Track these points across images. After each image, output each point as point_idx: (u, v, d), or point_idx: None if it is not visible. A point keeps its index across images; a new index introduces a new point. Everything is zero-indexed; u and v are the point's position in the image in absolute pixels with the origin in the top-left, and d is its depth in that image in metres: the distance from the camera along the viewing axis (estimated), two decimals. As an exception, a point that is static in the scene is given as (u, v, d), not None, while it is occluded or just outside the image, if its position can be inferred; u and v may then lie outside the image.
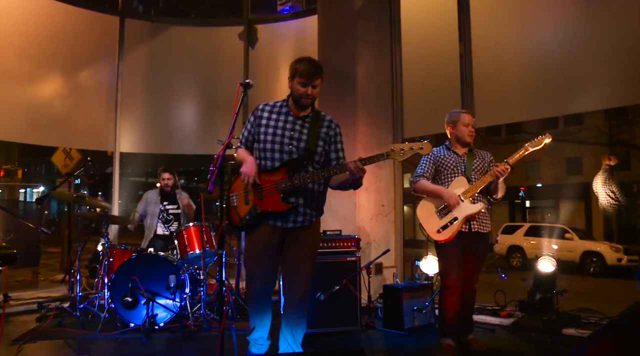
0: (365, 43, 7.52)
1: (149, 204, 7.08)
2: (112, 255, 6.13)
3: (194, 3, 10.75)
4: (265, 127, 4.10)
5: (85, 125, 8.71)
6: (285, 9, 9.81)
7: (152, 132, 9.20)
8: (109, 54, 8.93)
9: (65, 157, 13.55)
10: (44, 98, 8.45)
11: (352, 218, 7.19)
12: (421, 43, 7.68)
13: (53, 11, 8.53)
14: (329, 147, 4.15)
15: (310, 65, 4.00)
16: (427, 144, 3.77)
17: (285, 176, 3.97)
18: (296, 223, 4.05)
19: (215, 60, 9.51)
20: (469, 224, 4.73)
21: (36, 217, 11.55)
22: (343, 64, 7.48)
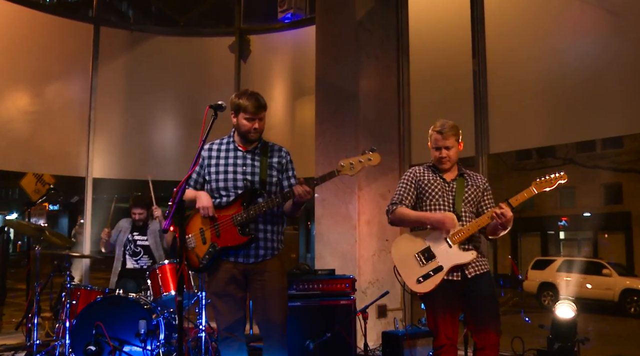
0: (369, 57, 7.59)
1: (118, 231, 7.19)
2: (76, 297, 6.14)
3: (181, 10, 10.84)
4: (215, 166, 4.39)
5: (53, 147, 8.79)
6: (287, 16, 9.89)
7: (129, 155, 9.28)
8: (82, 66, 9.05)
9: (36, 181, 13.66)
10: (3, 117, 8.51)
11: (351, 254, 7.21)
12: (431, 58, 7.74)
13: (16, 17, 8.64)
14: (282, 175, 4.44)
15: (254, 100, 4.31)
16: (375, 155, 4.02)
17: (240, 209, 4.24)
18: (258, 257, 4.28)
19: (202, 75, 9.63)
20: (461, 271, 4.34)
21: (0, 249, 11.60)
22: (343, 80, 7.54)
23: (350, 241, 7.23)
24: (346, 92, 7.48)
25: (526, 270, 20.38)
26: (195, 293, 6.36)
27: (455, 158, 4.50)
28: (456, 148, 4.48)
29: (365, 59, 7.55)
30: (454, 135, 4.45)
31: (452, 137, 4.44)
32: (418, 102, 7.76)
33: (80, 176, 8.99)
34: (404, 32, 7.90)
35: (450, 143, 4.44)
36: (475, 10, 7.24)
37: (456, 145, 4.48)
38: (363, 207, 7.24)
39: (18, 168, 9.26)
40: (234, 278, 4.27)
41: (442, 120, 4.52)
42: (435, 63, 7.71)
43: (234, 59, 9.59)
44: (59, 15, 9.07)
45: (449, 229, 4.32)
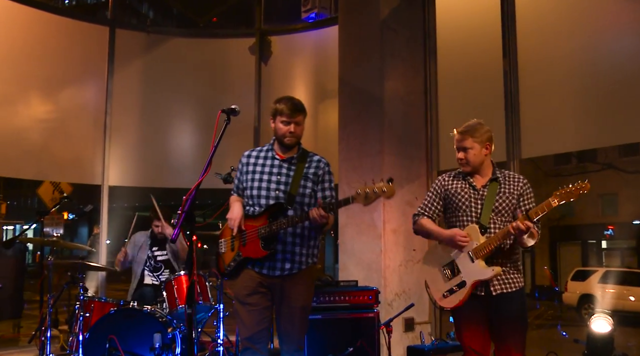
0: (394, 58, 7.57)
1: (136, 248, 7.15)
2: (89, 309, 6.18)
3: (200, 11, 10.93)
4: (252, 174, 4.59)
5: (68, 154, 8.91)
6: (311, 16, 9.90)
7: (146, 161, 9.35)
8: (97, 70, 9.17)
9: (53, 189, 13.85)
10: (18, 125, 8.64)
11: (377, 265, 7.18)
12: (459, 58, 7.71)
13: (30, 21, 8.77)
14: (317, 187, 4.59)
15: (290, 103, 4.51)
16: (390, 187, 4.03)
17: (266, 222, 4.41)
18: (283, 271, 4.43)
19: (221, 78, 9.68)
20: (485, 287, 4.28)
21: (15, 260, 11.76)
22: (367, 82, 7.54)
23: (375, 251, 7.20)
24: (370, 95, 7.47)
25: (566, 281, 20.12)
26: (213, 306, 6.37)
27: (474, 161, 4.39)
28: (476, 150, 4.36)
29: (390, 59, 7.53)
30: (471, 136, 4.36)
31: (470, 138, 4.36)
32: (446, 105, 7.72)
33: (95, 184, 9.07)
34: (431, 31, 7.87)
35: (468, 145, 4.36)
36: (506, 6, 7.19)
37: (477, 146, 4.36)
38: (389, 215, 7.21)
39: (33, 177, 9.39)
40: (260, 288, 4.45)
41: (472, 120, 4.47)
42: (464, 63, 7.68)
43: (255, 61, 9.64)
44: (74, 18, 9.20)
45: (461, 247, 4.28)
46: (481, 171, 4.44)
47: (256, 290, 4.44)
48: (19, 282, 10.86)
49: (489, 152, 4.41)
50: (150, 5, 38.01)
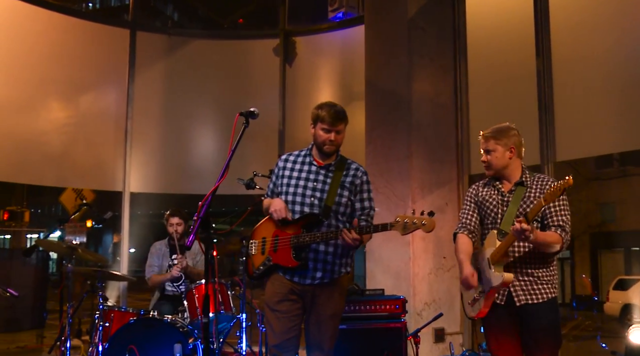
0: (422, 58, 7.55)
1: (158, 256, 7.21)
2: (109, 319, 6.23)
3: (224, 12, 11.01)
4: (288, 178, 4.64)
5: (88, 160, 9.00)
6: (338, 16, 9.91)
7: (168, 167, 9.41)
8: (118, 74, 9.26)
9: (76, 197, 14.04)
10: (37, 130, 8.73)
11: (405, 273, 7.16)
12: (491, 58, 7.68)
13: (49, 24, 8.87)
14: (355, 197, 4.60)
15: (333, 110, 4.54)
16: (431, 221, 4.00)
17: (300, 231, 4.45)
18: (314, 279, 4.48)
19: (245, 80, 9.72)
20: (507, 297, 4.25)
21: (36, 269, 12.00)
22: (394, 83, 7.54)
23: (403, 258, 7.18)
24: (398, 96, 7.46)
25: (607, 290, 19.86)
26: (235, 315, 6.39)
27: (496, 164, 4.37)
28: (499, 153, 4.35)
29: (419, 59, 7.52)
30: (494, 138, 4.35)
31: (492, 140, 4.36)
32: (477, 106, 7.68)
33: (117, 190, 9.15)
34: (460, 29, 7.83)
35: (491, 147, 4.36)
36: (539, 2, 7.14)
37: (499, 149, 4.34)
38: (417, 221, 7.16)
39: (53, 183, 9.49)
40: (290, 295, 4.49)
41: (502, 123, 4.48)
42: (495, 62, 7.64)
43: (279, 63, 9.65)
44: (94, 20, 9.30)
45: (471, 287, 4.28)
46: (508, 176, 4.41)
47: (287, 297, 4.48)
48: (41, 291, 10.99)
49: (514, 155, 4.37)
50: (175, 7, 38.40)
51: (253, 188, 6.50)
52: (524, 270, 4.25)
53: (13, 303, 11.74)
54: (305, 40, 9.71)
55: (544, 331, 4.22)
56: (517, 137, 4.39)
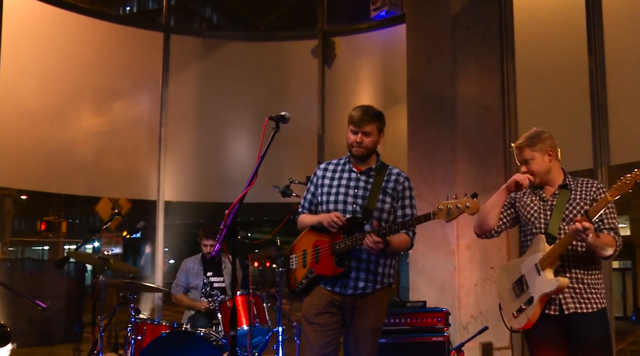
0: (467, 57, 7.51)
1: (190, 275, 7.28)
2: (141, 332, 6.30)
3: (260, 13, 11.07)
4: (328, 187, 4.67)
5: (122, 169, 9.10)
6: (381, 14, 9.87)
7: (203, 175, 9.48)
8: (151, 79, 9.38)
9: (111, 206, 14.27)
10: (69, 138, 8.87)
11: (450, 284, 7.12)
12: (540, 56, 7.59)
13: (80, 29, 8.99)
14: (397, 203, 4.61)
15: (360, 110, 4.60)
16: (474, 202, 4.03)
17: (340, 237, 4.44)
18: (356, 289, 4.46)
19: (282, 84, 9.75)
20: (559, 305, 4.20)
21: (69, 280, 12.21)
22: (437, 84, 7.51)
23: (448, 269, 7.13)
24: (441, 98, 7.43)
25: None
26: (271, 328, 6.41)
27: (539, 171, 4.40)
28: (538, 160, 4.40)
29: (463, 58, 7.48)
30: (528, 146, 4.41)
31: (527, 149, 4.41)
32: (526, 107, 7.60)
33: (151, 199, 9.25)
34: (507, 26, 7.76)
35: (528, 156, 4.41)
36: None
37: (537, 155, 4.39)
38: (462, 230, 7.12)
39: (85, 193, 9.64)
40: (330, 308, 4.48)
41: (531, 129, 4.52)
42: (545, 61, 7.55)
43: (317, 65, 9.66)
44: (127, 24, 9.40)
45: (525, 185, 4.31)
46: (550, 180, 4.44)
47: (326, 310, 4.48)
48: (75, 303, 11.14)
49: (553, 158, 4.41)
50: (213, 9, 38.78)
51: (289, 196, 6.51)
52: (573, 276, 4.22)
53: (48, 316, 11.95)
54: (344, 40, 9.71)
55: (594, 344, 4.16)
56: (550, 139, 4.44)
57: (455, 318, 6.86)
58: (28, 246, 34.91)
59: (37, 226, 22.39)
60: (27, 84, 8.50)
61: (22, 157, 8.40)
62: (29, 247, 34.96)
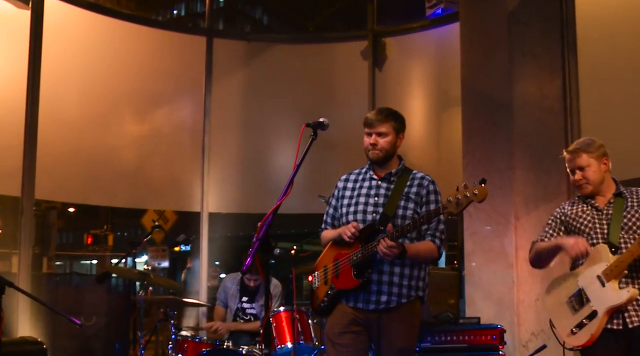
0: (525, 56, 7.42)
1: (227, 294, 7.34)
2: (182, 349, 6.37)
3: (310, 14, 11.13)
4: (348, 199, 4.63)
5: (164, 179, 9.23)
6: (437, 12, 9.84)
7: (248, 185, 9.53)
8: (193, 85, 9.51)
9: (157, 218, 14.44)
10: (110, 148, 9.03)
11: (508, 299, 7.02)
12: (605, 53, 7.46)
13: (122, 35, 9.15)
14: (421, 209, 4.48)
15: (373, 111, 4.60)
16: (482, 188, 4.00)
17: (358, 247, 4.35)
18: (379, 304, 4.34)
19: (330, 87, 9.79)
20: (622, 318, 4.14)
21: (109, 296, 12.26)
22: (493, 85, 7.43)
23: (506, 283, 7.04)
24: (497, 100, 7.34)
25: None
26: (317, 346, 6.40)
27: (595, 179, 4.39)
28: (595, 167, 4.39)
29: (520, 57, 7.38)
30: (585, 152, 4.40)
31: (584, 154, 4.40)
32: (589, 109, 7.45)
33: (194, 211, 9.34)
34: (569, 21, 7.63)
35: (584, 162, 4.39)
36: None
37: (594, 163, 4.39)
38: (521, 241, 7.02)
39: (127, 205, 9.79)
40: (353, 326, 4.38)
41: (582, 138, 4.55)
42: (610, 59, 7.43)
43: (368, 67, 9.65)
44: (168, 29, 9.55)
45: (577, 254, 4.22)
46: (602, 190, 4.44)
47: (349, 329, 4.37)
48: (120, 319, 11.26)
49: (607, 167, 4.42)
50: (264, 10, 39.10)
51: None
52: (637, 286, 4.15)
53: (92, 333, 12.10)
54: (396, 41, 9.69)
55: None
56: (603, 147, 4.46)
57: (514, 335, 6.76)
58: (76, 260, 35.50)
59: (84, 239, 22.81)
60: (68, 93, 8.68)
61: (62, 168, 8.57)
62: (77, 261, 35.55)
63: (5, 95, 7.98)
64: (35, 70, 7.97)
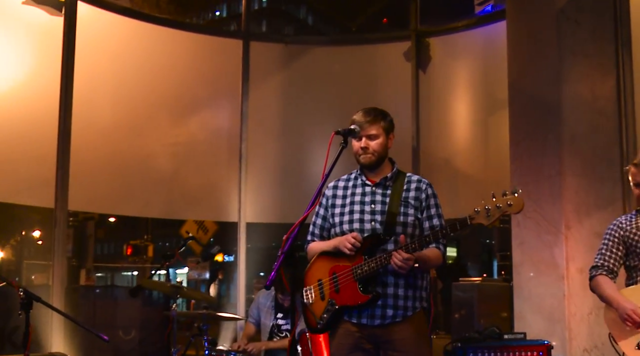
0: (575, 55, 7.35)
1: (262, 311, 7.34)
2: (216, 367, 6.41)
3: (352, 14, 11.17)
4: (340, 207, 4.50)
5: (199, 188, 9.30)
6: (487, 9, 9.79)
7: (286, 193, 9.55)
8: (230, 89, 9.56)
9: (197, 228, 14.58)
10: (144, 157, 9.11)
11: (559, 313, 6.98)
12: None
13: (156, 39, 9.23)
14: (421, 215, 4.40)
15: (360, 113, 4.49)
16: (517, 199, 3.87)
17: (361, 259, 4.21)
18: (385, 319, 4.24)
19: (372, 91, 9.75)
20: None
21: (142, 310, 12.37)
22: (541, 86, 7.41)
23: (557, 295, 6.98)
24: (546, 102, 7.30)
25: None
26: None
27: None
28: None
29: (570, 57, 7.32)
30: None
31: None
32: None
33: (231, 221, 9.39)
34: (623, 18, 7.51)
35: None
36: None
37: None
38: (573, 251, 6.96)
39: (159, 215, 9.87)
40: (359, 344, 4.27)
41: None
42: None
43: (411, 69, 9.61)
44: (203, 32, 9.61)
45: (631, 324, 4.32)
46: None
47: (357, 349, 4.28)
48: (154, 334, 11.35)
49: None
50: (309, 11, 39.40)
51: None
52: None
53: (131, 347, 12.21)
54: (440, 41, 9.63)
55: None
56: None
57: (566, 351, 6.70)
58: (117, 272, 35.99)
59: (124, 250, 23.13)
60: (101, 100, 8.76)
61: (95, 178, 8.65)
62: (118, 273, 36.04)
63: (38, 106, 8.08)
64: (68, 78, 8.07)
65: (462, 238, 28.74)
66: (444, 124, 9.36)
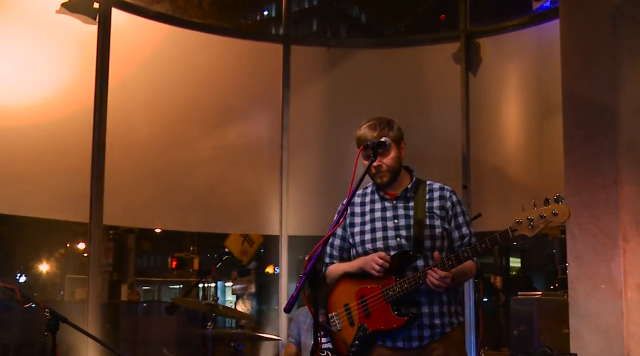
0: (633, 56, 7.26)
1: (301, 330, 7.35)
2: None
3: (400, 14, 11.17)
4: (359, 225, 4.46)
5: (238, 200, 9.35)
6: (545, 5, 9.72)
7: (330, 205, 9.49)
8: (270, 97, 9.61)
9: (242, 241, 14.68)
10: (181, 168, 9.19)
11: (617, 331, 6.85)
12: None
13: (192, 45, 9.30)
14: (449, 225, 4.36)
15: (364, 128, 4.43)
16: (563, 207, 3.80)
17: (391, 279, 4.17)
18: (422, 340, 4.20)
19: (419, 95, 9.72)
20: None
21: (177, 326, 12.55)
22: (596, 90, 7.30)
23: (615, 313, 6.87)
24: (601, 107, 7.20)
25: None
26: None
27: None
28: None
29: (628, 58, 7.22)
30: None
31: None
32: None
33: (273, 234, 9.44)
34: (685, 16, 7.45)
35: None
36: None
37: None
38: (631, 266, 6.86)
39: (197, 228, 9.96)
40: None
41: None
42: None
43: (460, 71, 9.52)
44: (241, 37, 9.67)
45: None
46: None
47: None
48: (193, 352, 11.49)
49: None
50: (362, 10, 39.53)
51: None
52: None
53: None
54: (491, 41, 9.54)
55: None
56: None
57: (623, 373, 6.62)
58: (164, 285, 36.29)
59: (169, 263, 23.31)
60: (136, 110, 8.85)
61: (130, 191, 8.76)
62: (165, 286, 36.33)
63: (72, 117, 8.20)
64: (103, 88, 8.16)
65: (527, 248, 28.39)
66: (495, 130, 9.29)
